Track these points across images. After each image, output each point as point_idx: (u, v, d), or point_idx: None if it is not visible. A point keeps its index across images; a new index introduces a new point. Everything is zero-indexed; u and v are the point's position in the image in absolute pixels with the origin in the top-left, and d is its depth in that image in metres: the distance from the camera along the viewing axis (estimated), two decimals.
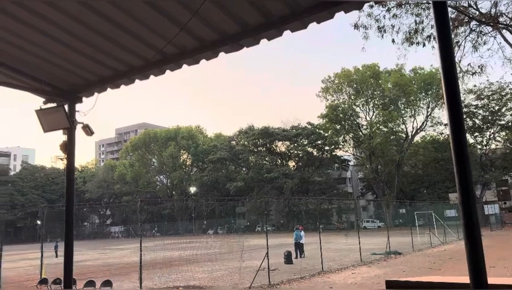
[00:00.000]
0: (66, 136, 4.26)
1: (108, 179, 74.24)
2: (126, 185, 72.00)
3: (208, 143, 72.71)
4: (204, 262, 21.11)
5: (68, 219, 4.27)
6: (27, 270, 20.16)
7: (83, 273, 15.04)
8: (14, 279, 16.18)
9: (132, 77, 4.03)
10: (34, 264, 21.39)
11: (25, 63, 3.97)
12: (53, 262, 19.17)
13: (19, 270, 20.13)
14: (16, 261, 25.96)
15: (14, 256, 30.82)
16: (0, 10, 3.16)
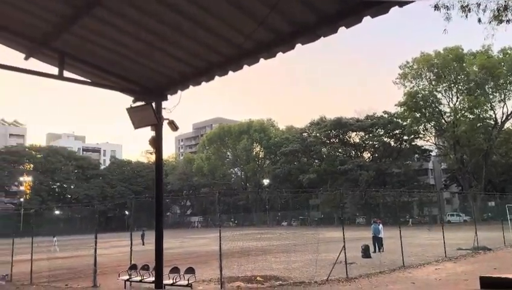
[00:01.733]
0: (154, 132, 4.56)
1: (187, 172, 78.02)
2: (204, 178, 75.11)
3: (280, 136, 73.09)
4: (279, 253, 21.30)
5: (158, 209, 4.57)
6: (118, 256, 21.95)
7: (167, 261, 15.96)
8: (108, 264, 17.68)
9: (212, 74, 4.19)
10: (123, 251, 23.25)
11: (117, 65, 4.32)
12: (140, 249, 20.67)
13: (111, 256, 21.98)
14: (108, 249, 28.34)
15: (105, 243, 33.67)
16: (96, 17, 3.46)
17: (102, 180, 78.27)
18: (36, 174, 69.02)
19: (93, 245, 15.58)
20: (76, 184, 75.61)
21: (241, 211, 67.65)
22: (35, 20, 3.62)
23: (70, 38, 3.81)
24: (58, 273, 17.17)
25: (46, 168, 72.78)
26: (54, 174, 73.75)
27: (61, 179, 74.77)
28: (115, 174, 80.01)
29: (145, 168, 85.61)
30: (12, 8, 3.51)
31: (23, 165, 71.31)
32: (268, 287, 11.72)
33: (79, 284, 14.26)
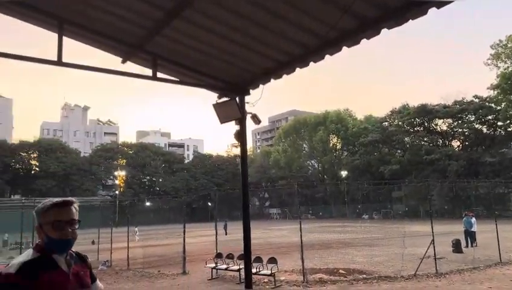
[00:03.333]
0: (239, 126, 4.72)
1: (264, 165, 79.31)
2: (281, 170, 75.75)
3: (358, 126, 70.86)
4: (361, 246, 20.80)
5: (244, 200, 4.73)
6: (204, 245, 23.10)
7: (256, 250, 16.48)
8: (195, 252, 18.72)
9: (293, 66, 4.21)
10: (208, 240, 24.43)
11: (203, 63, 4.53)
12: (224, 239, 21.56)
13: (197, 245, 23.20)
14: (194, 238, 29.95)
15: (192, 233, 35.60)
16: (185, 19, 3.67)
17: (187, 174, 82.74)
18: (128, 169, 75.11)
19: (181, 234, 16.63)
20: (163, 177, 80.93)
21: (319, 204, 67.05)
22: (131, 27, 3.94)
23: (162, 41, 4.09)
24: (151, 260, 18.62)
25: (137, 163, 78.85)
26: (144, 168, 79.67)
27: (150, 173, 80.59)
28: (198, 167, 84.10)
29: (224, 161, 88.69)
30: (112, 16, 3.85)
31: (117, 161, 78.02)
32: (352, 280, 11.53)
33: (170, 270, 15.32)
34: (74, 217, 1.98)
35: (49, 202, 1.96)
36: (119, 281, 13.55)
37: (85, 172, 72.90)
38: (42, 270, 1.82)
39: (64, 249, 1.95)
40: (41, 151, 71.78)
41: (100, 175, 76.56)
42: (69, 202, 2.00)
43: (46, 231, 1.91)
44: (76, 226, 1.97)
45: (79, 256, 2.11)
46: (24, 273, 1.77)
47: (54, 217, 1.91)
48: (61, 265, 1.91)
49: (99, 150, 79.80)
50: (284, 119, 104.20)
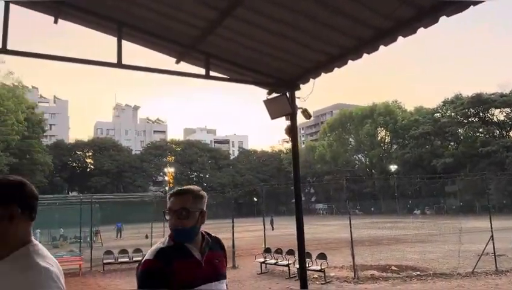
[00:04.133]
0: (289, 121, 4.73)
1: (309, 160, 78.66)
2: (326, 165, 74.79)
3: (408, 118, 68.31)
4: (414, 243, 20.18)
5: (297, 195, 4.74)
6: (251, 240, 23.39)
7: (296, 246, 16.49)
8: (244, 247, 19.02)
9: (345, 59, 4.14)
10: (255, 235, 24.73)
11: (254, 60, 4.58)
12: (271, 234, 21.71)
13: (245, 240, 23.53)
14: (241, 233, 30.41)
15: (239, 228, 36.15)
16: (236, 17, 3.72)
17: (233, 169, 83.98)
18: (177, 165, 77.42)
19: (229, 229, 16.96)
20: (210, 173, 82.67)
21: (367, 199, 65.50)
22: (186, 27, 4.05)
23: (215, 40, 4.17)
24: None
25: (185, 160, 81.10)
26: (192, 165, 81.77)
27: (197, 169, 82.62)
28: (243, 163, 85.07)
29: (269, 157, 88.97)
30: (167, 18, 3.99)
31: (166, 158, 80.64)
32: (405, 277, 11.22)
33: None
34: (184, 205, 1.94)
35: (170, 191, 2.04)
36: None
37: (136, 169, 76.02)
38: (176, 258, 1.86)
39: (177, 237, 1.94)
40: (95, 150, 75.68)
41: (151, 172, 79.54)
42: (181, 191, 2.01)
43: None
44: (188, 215, 1.93)
45: (218, 243, 2.11)
46: (160, 259, 1.84)
47: (168, 205, 1.98)
48: (194, 253, 1.93)
49: (149, 147, 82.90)
50: (328, 113, 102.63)
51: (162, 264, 1.83)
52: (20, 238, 1.52)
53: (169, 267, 1.82)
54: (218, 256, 2.03)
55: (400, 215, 50.12)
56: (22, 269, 1.41)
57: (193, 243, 1.95)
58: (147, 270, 1.85)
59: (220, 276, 1.98)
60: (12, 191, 1.53)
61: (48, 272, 1.43)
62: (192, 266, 1.89)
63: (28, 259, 1.45)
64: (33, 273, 1.41)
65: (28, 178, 1.69)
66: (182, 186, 2.08)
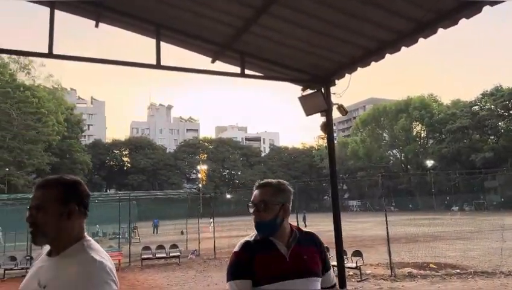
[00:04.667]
0: (325, 117, 4.70)
1: (342, 156, 77.56)
2: (359, 161, 73.56)
3: (445, 111, 66.02)
4: (453, 240, 19.56)
5: (333, 191, 4.71)
6: None
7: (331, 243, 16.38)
8: None
9: (382, 53, 4.06)
10: None
11: (288, 57, 4.58)
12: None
13: None
14: None
15: None
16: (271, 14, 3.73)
17: (264, 166, 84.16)
18: (209, 163, 78.49)
19: None
20: (242, 170, 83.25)
21: (403, 195, 63.90)
22: (221, 27, 4.11)
23: (249, 38, 4.20)
24: None
25: (217, 157, 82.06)
26: (224, 162, 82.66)
27: (229, 167, 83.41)
28: (274, 160, 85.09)
29: (300, 153, 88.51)
30: (203, 19, 4.05)
31: (199, 156, 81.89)
32: (445, 275, 10.91)
33: None
34: (263, 198, 1.93)
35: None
36: (208, 270, 14.28)
37: (171, 167, 77.66)
38: (258, 251, 1.87)
39: (257, 230, 1.94)
40: (131, 149, 77.89)
41: (184, 169, 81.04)
42: (261, 184, 2.00)
43: None
44: (265, 208, 1.91)
45: (311, 238, 2.04)
46: (245, 252, 1.89)
47: (251, 199, 1.97)
48: (279, 247, 1.91)
49: (182, 145, 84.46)
50: (361, 108, 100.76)
51: (247, 256, 1.87)
52: (76, 233, 1.62)
53: (252, 259, 1.85)
54: (308, 251, 1.96)
55: (437, 212, 48.67)
56: (79, 263, 1.50)
57: (279, 237, 1.92)
58: (233, 261, 1.90)
59: (308, 272, 1.90)
60: (71, 189, 1.62)
61: (102, 265, 1.52)
62: (275, 260, 1.87)
63: (83, 253, 1.55)
64: (89, 266, 1.49)
65: None
66: (215, 184, 2.08)
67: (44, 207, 1.54)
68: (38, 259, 1.67)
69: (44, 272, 1.54)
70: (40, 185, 1.61)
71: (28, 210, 1.56)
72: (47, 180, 1.64)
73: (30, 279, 1.59)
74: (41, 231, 1.54)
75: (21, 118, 44.03)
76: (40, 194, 1.57)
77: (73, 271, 1.47)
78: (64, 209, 1.58)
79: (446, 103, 71.30)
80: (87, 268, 1.48)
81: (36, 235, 1.55)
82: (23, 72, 49.97)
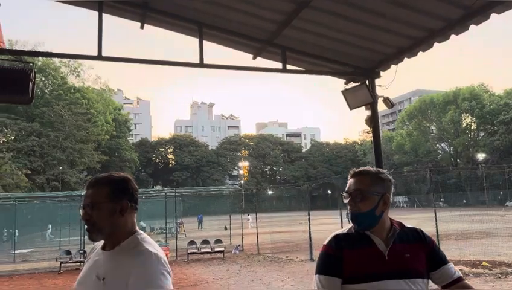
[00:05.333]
0: (370, 110, 4.58)
1: (386, 150, 75.31)
2: (405, 155, 71.19)
3: (497, 102, 62.36)
4: (508, 237, 18.52)
5: None
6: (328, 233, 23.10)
7: None
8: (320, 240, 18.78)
9: (431, 42, 3.90)
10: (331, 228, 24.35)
11: (330, 50, 4.50)
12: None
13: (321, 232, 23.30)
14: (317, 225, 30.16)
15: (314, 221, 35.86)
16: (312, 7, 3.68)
17: (305, 162, 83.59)
18: (250, 159, 79.09)
19: (304, 222, 16.96)
20: (283, 166, 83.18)
21: (452, 190, 61.20)
22: (263, 23, 4.11)
23: (291, 33, 4.17)
24: (278, 245, 19.37)
25: (258, 154, 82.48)
26: (265, 158, 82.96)
27: (270, 163, 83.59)
28: (316, 156, 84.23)
29: (342, 149, 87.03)
30: (245, 15, 4.07)
31: (240, 152, 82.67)
32: (499, 274, 10.36)
33: (297, 256, 15.75)
34: (359, 187, 1.75)
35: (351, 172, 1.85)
36: (252, 265, 14.41)
37: (213, 164, 79.00)
38: (347, 246, 1.69)
39: (353, 222, 1.77)
40: (175, 146, 79.99)
41: (226, 166, 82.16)
42: (358, 172, 1.83)
43: None
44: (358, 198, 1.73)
45: (415, 234, 1.81)
46: (332, 245, 1.72)
47: (346, 188, 1.80)
48: (377, 243, 1.70)
49: (224, 142, 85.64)
50: (406, 100, 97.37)
51: (336, 251, 1.70)
52: (129, 228, 1.68)
53: (342, 254, 1.67)
54: (411, 249, 1.71)
55: (489, 207, 46.25)
56: (135, 255, 1.56)
57: (376, 232, 1.72)
58: (321, 254, 1.76)
59: (409, 273, 1.66)
60: (121, 186, 1.68)
61: (157, 257, 1.58)
62: (372, 257, 1.67)
63: (139, 246, 1.61)
64: (146, 258, 1.55)
65: None
66: (257, 180, 2.02)
67: (98, 205, 1.59)
68: (92, 253, 1.74)
69: (102, 265, 1.60)
70: (92, 184, 1.66)
71: (82, 208, 1.61)
72: (98, 178, 1.68)
73: (87, 272, 1.65)
74: (97, 228, 1.60)
75: (72, 119, 46.45)
76: (93, 193, 1.62)
77: (130, 263, 1.52)
78: (117, 206, 1.63)
79: (498, 93, 67.30)
80: (144, 260, 1.53)
81: (92, 232, 1.60)
82: (73, 75, 52.70)
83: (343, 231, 1.79)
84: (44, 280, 12.75)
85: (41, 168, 43.74)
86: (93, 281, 1.56)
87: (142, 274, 1.50)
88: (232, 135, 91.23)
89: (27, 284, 12.19)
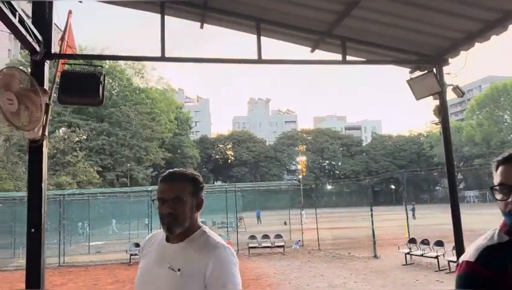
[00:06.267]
0: (438, 100, 4.32)
1: (455, 142, 70.78)
2: (476, 147, 66.61)
3: None
4: None
5: (451, 181, 4.33)
6: (391, 229, 22.31)
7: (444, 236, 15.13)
8: (383, 237, 18.23)
9: (505, 24, 3.57)
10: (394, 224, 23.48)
11: (393, 38, 4.29)
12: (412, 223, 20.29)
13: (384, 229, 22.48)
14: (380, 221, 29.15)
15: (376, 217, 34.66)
16: None
17: (366, 156, 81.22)
18: (308, 154, 78.33)
19: (365, 217, 16.48)
20: (342, 161, 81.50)
21: None
22: (321, 14, 4.01)
23: (351, 23, 4.03)
24: (340, 242, 19.02)
25: (316, 148, 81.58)
26: (323, 153, 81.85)
27: (329, 157, 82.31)
28: (377, 149, 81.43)
29: (407, 141, 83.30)
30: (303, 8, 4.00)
31: (298, 147, 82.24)
32: None
33: (360, 253, 15.36)
34: None
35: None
36: (313, 261, 14.30)
37: (271, 159, 79.43)
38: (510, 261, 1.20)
39: None
40: (234, 143, 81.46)
41: (284, 161, 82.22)
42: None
43: None
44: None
45: None
46: (482, 265, 1.22)
47: (498, 180, 1.30)
48: None
49: (281, 138, 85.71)
50: (476, 88, 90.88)
51: (488, 270, 1.20)
52: (197, 222, 1.76)
53: (502, 274, 1.18)
54: None
55: None
56: (212, 248, 1.64)
57: None
58: (465, 275, 1.26)
59: None
60: (198, 183, 1.77)
61: (230, 249, 1.68)
62: None
63: (210, 239, 1.69)
64: (221, 251, 1.64)
65: None
66: (315, 175, 1.78)
67: (182, 199, 1.66)
68: (150, 246, 1.79)
69: (173, 256, 1.65)
70: (172, 179, 1.71)
71: (161, 202, 1.67)
72: (180, 174, 1.74)
73: (153, 263, 1.69)
74: (179, 220, 1.65)
75: (138, 118, 49.01)
76: (178, 188, 1.68)
77: (207, 255, 1.60)
78: (195, 201, 1.73)
79: None
80: (220, 253, 1.62)
81: (174, 225, 1.65)
82: (138, 76, 55.52)
83: (491, 240, 1.27)
84: (116, 271, 13.62)
85: (111, 165, 46.64)
86: (166, 272, 1.62)
87: (219, 265, 1.59)
88: (289, 130, 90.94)
89: (101, 274, 13.09)
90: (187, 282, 1.57)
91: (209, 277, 1.57)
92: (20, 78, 3.06)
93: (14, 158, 31.33)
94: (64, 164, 35.17)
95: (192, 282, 1.57)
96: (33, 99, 3.06)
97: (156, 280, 1.64)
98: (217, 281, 1.56)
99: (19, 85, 3.03)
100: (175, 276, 1.59)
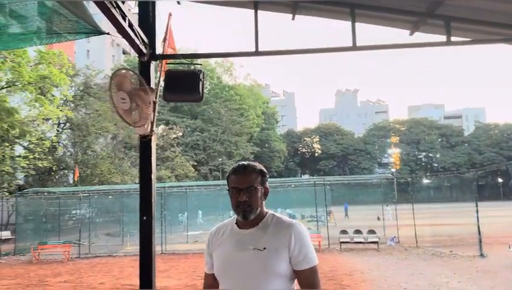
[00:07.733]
0: None
1: None
2: None
3: None
4: None
5: None
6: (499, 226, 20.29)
7: None
8: (489, 234, 16.57)
9: None
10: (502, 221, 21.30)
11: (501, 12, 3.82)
12: None
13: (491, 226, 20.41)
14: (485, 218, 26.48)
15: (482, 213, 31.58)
16: None
17: (469, 147, 74.51)
18: (402, 146, 74.22)
19: (468, 213, 15.16)
20: (441, 152, 75.76)
21: None
22: None
23: (455, 0, 3.69)
24: (440, 239, 17.73)
25: (411, 140, 76.93)
26: (419, 144, 76.90)
27: (426, 149, 77.03)
28: (482, 139, 74.11)
29: None
30: None
31: (390, 139, 78.35)
32: None
33: (463, 251, 14.18)
34: None
35: None
36: (410, 258, 13.57)
37: (360, 152, 76.90)
38: None
39: None
40: (321, 136, 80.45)
41: (375, 154, 79.03)
42: None
43: None
44: None
45: None
46: None
47: None
48: None
49: (372, 129, 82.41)
50: None
51: None
52: (264, 208, 1.96)
53: None
54: None
55: None
56: (289, 226, 1.86)
57: None
58: None
59: None
60: (264, 173, 1.97)
61: (302, 226, 1.89)
62: None
63: (282, 219, 1.92)
64: (296, 227, 1.86)
65: (267, 164, 2.09)
66: (410, 168, 1.84)
67: (255, 189, 1.88)
68: (222, 235, 1.98)
69: (254, 239, 1.85)
70: (244, 171, 1.92)
71: (239, 191, 1.87)
72: (251, 166, 1.94)
73: (234, 249, 1.88)
74: (253, 207, 1.87)
75: (228, 115, 51.00)
76: (251, 179, 1.89)
77: (287, 233, 1.83)
78: (263, 189, 1.94)
79: None
80: (296, 228, 1.85)
81: (249, 212, 1.86)
82: (227, 74, 57.66)
83: None
84: None
85: (205, 159, 49.21)
86: (252, 253, 1.81)
87: (300, 238, 1.83)
88: (380, 121, 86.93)
89: (198, 262, 13.90)
90: (274, 256, 1.79)
91: (293, 250, 1.81)
92: (131, 79, 3.34)
93: (121, 154, 34.74)
94: (164, 159, 38.00)
95: (278, 255, 1.79)
96: (143, 98, 3.33)
97: (243, 261, 1.82)
98: (300, 252, 1.81)
99: (130, 85, 3.30)
100: (262, 254, 1.80)
